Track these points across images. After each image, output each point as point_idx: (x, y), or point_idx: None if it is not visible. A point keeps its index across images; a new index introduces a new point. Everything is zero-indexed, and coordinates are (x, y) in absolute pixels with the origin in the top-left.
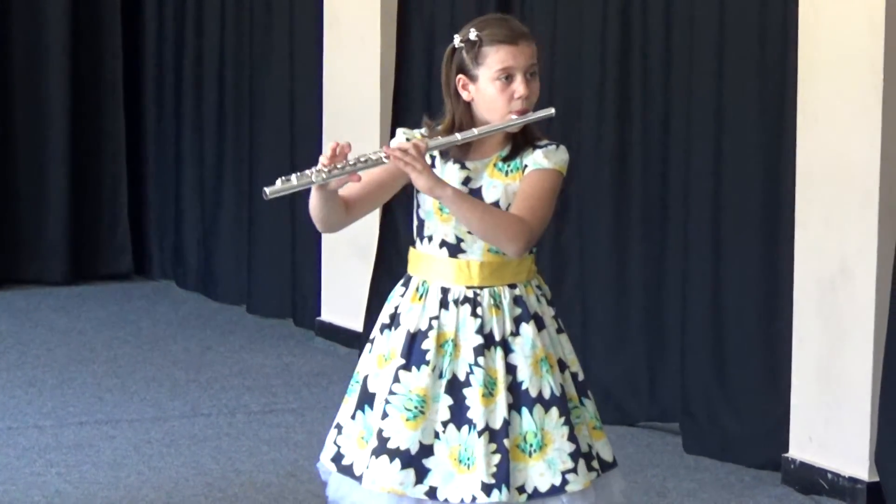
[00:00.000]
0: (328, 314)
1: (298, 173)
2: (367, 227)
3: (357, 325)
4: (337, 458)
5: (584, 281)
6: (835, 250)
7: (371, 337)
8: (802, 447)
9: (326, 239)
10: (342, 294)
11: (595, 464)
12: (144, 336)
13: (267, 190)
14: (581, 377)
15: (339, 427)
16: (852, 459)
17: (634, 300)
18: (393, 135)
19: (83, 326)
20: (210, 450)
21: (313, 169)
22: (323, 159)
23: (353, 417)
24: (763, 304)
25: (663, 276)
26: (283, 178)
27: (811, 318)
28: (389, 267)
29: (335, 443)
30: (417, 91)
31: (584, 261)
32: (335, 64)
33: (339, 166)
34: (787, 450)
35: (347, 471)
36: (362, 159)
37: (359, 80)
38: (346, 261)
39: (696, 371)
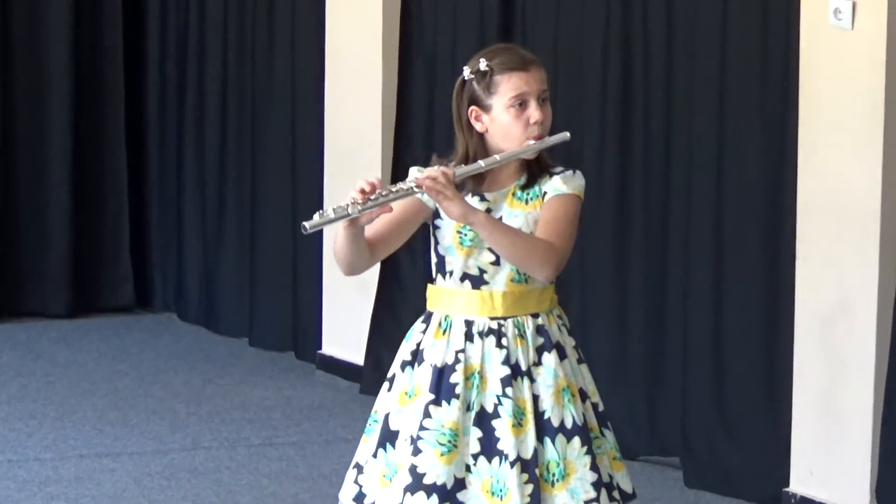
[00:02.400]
0: (329, 348)
1: (335, 206)
2: None
3: (358, 358)
4: (359, 498)
5: (585, 313)
6: (835, 284)
7: (390, 375)
8: (803, 481)
9: (328, 273)
10: (343, 328)
11: (616, 494)
12: (145, 369)
13: (307, 224)
14: (601, 408)
15: (358, 467)
16: (853, 494)
17: (635, 333)
18: (397, 170)
19: (84, 359)
20: (210, 483)
21: (348, 202)
22: (354, 194)
23: (374, 456)
24: (764, 337)
25: (664, 309)
26: (321, 211)
27: (812, 351)
28: (390, 301)
29: (356, 482)
30: (419, 125)
31: (584, 293)
32: (337, 98)
33: (372, 198)
34: (787, 484)
35: None
36: (394, 190)
37: (360, 114)
38: (348, 295)
39: (696, 405)
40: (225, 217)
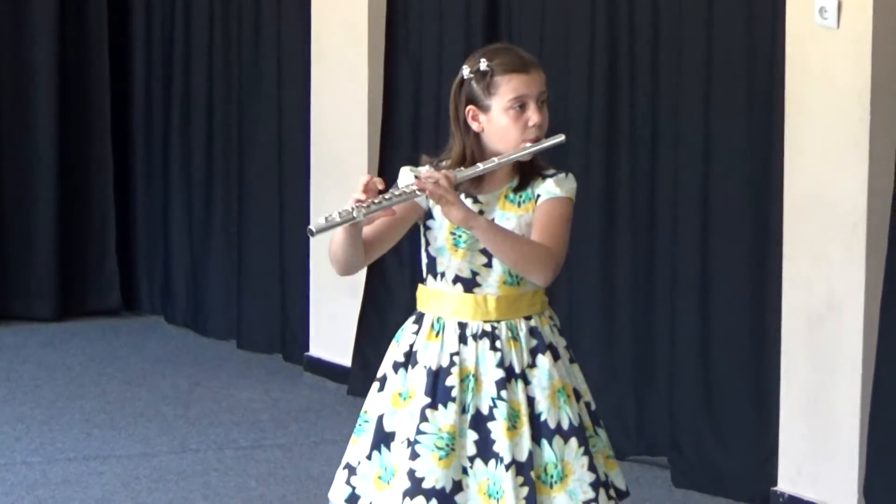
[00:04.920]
0: (317, 350)
1: (340, 210)
2: None
3: (345, 360)
4: (352, 499)
5: (573, 314)
6: (822, 284)
7: (380, 375)
8: (791, 481)
9: (315, 275)
10: (331, 330)
11: (612, 492)
12: (133, 372)
13: (312, 227)
14: (594, 406)
15: (350, 467)
16: (841, 493)
17: (622, 334)
18: (383, 171)
19: (71, 362)
20: (198, 486)
21: (352, 205)
22: (357, 195)
23: (368, 457)
24: (751, 337)
25: (651, 309)
26: (327, 215)
27: (799, 351)
28: (377, 303)
29: (348, 483)
30: (405, 126)
31: (572, 294)
32: (323, 100)
33: (375, 202)
34: (775, 483)
35: None
36: (397, 193)
37: (346, 114)
38: (335, 297)
39: (684, 405)
40: (212, 219)
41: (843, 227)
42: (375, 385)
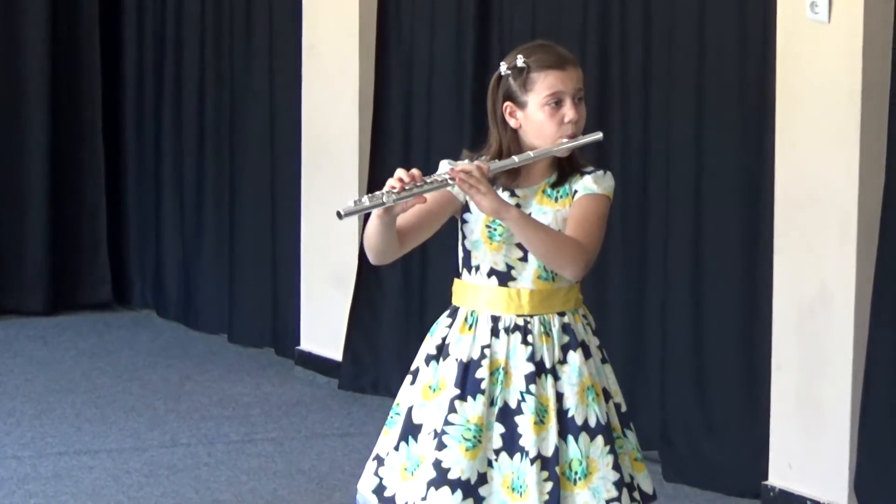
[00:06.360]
0: (308, 344)
1: (370, 194)
2: (347, 258)
3: (336, 354)
4: (379, 490)
5: None
6: (813, 276)
7: (413, 368)
8: (782, 474)
9: (306, 269)
10: (322, 324)
11: (637, 495)
12: (124, 366)
13: (341, 210)
14: (624, 408)
15: (378, 458)
16: (832, 486)
17: (614, 327)
18: (374, 165)
19: (62, 356)
20: (189, 480)
21: (383, 190)
22: (393, 182)
23: (396, 448)
24: (742, 330)
25: (643, 303)
26: (356, 199)
27: (790, 344)
28: (368, 297)
29: (376, 474)
30: (396, 119)
31: None
32: (314, 93)
33: (407, 187)
34: (766, 477)
35: (389, 502)
36: (428, 181)
37: (338, 109)
38: (326, 291)
39: (675, 398)
40: (203, 213)
41: (835, 221)
42: (408, 378)
